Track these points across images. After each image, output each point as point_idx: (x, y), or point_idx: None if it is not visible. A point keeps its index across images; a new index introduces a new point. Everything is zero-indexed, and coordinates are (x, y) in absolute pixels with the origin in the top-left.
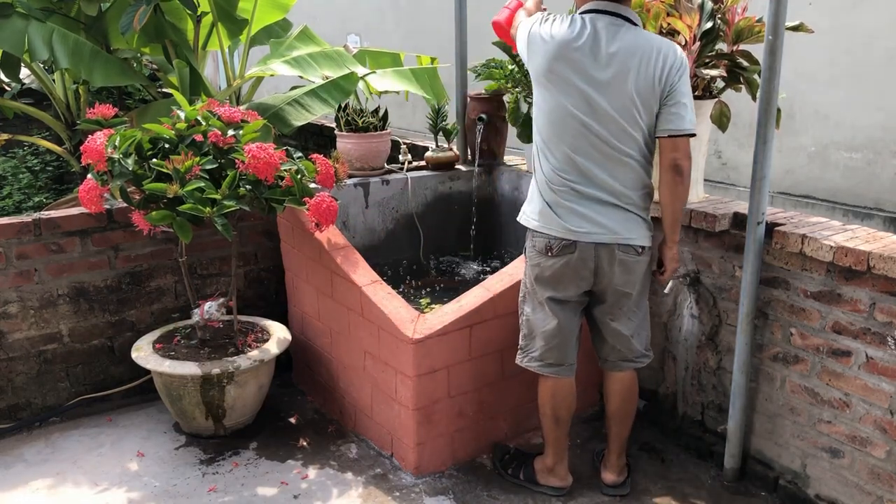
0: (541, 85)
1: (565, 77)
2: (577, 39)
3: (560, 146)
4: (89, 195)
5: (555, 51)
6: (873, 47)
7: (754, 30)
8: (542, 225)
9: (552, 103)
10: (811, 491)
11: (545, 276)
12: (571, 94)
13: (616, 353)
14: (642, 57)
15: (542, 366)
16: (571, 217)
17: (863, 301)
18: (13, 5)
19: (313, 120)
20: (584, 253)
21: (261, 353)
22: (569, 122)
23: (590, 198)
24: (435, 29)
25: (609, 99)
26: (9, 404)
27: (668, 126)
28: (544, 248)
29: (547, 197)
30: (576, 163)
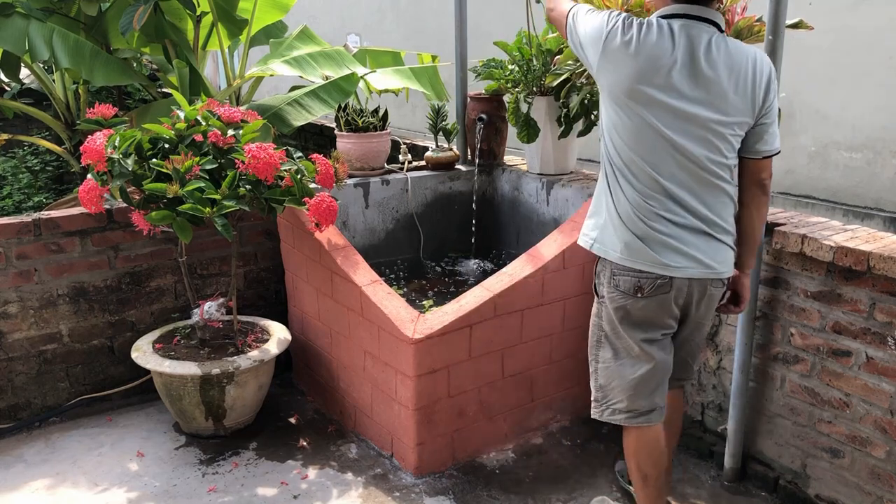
0: (620, 103)
1: (655, 96)
2: (671, 54)
3: (645, 169)
4: (89, 195)
5: (645, 68)
6: (873, 47)
7: (754, 29)
8: (629, 259)
9: (637, 122)
10: (811, 491)
11: (633, 319)
12: (662, 113)
13: (673, 380)
14: (740, 71)
15: (630, 416)
16: (666, 251)
17: (863, 301)
18: (14, 5)
19: (313, 120)
20: (679, 290)
21: (261, 353)
22: (658, 143)
23: (683, 227)
24: (435, 29)
25: (706, 118)
26: (9, 404)
27: (763, 147)
28: (633, 288)
29: (633, 227)
30: (665, 188)
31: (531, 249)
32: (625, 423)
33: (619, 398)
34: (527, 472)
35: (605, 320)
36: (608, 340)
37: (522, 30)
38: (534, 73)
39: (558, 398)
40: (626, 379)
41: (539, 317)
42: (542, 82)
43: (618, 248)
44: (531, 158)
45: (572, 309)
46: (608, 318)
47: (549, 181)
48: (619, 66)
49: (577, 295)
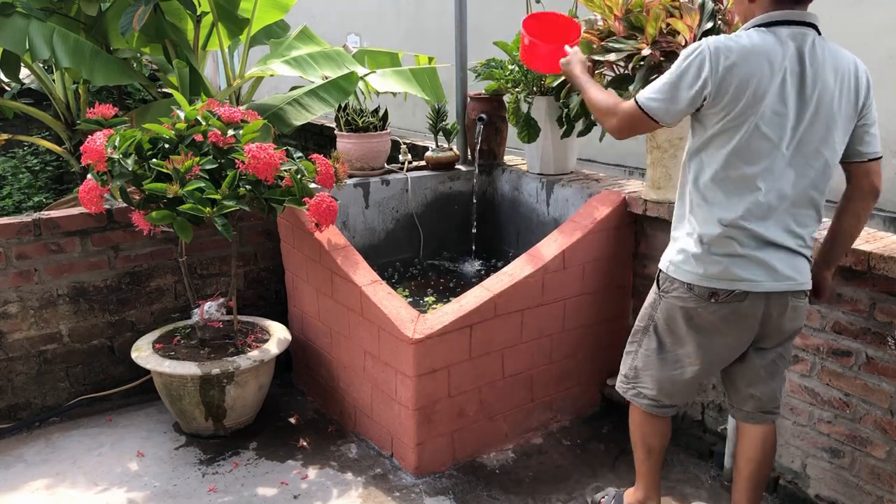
0: (728, 128)
1: (764, 112)
2: (780, 67)
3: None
4: (89, 195)
5: (757, 91)
6: (873, 47)
7: None
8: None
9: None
10: (811, 491)
11: (697, 322)
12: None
13: (754, 402)
14: (844, 76)
15: (653, 406)
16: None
17: (863, 301)
18: (14, 5)
19: (313, 120)
20: (754, 303)
21: (261, 353)
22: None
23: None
24: (435, 29)
25: (815, 128)
26: (9, 404)
27: (868, 149)
28: (707, 293)
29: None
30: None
31: (531, 249)
32: (646, 409)
33: (650, 387)
34: (527, 472)
35: (659, 312)
36: (656, 332)
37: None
38: (534, 73)
39: (558, 398)
40: (662, 373)
41: (539, 317)
42: (543, 82)
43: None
44: (531, 158)
45: (572, 309)
46: (665, 312)
47: (549, 181)
48: (732, 99)
49: (577, 295)
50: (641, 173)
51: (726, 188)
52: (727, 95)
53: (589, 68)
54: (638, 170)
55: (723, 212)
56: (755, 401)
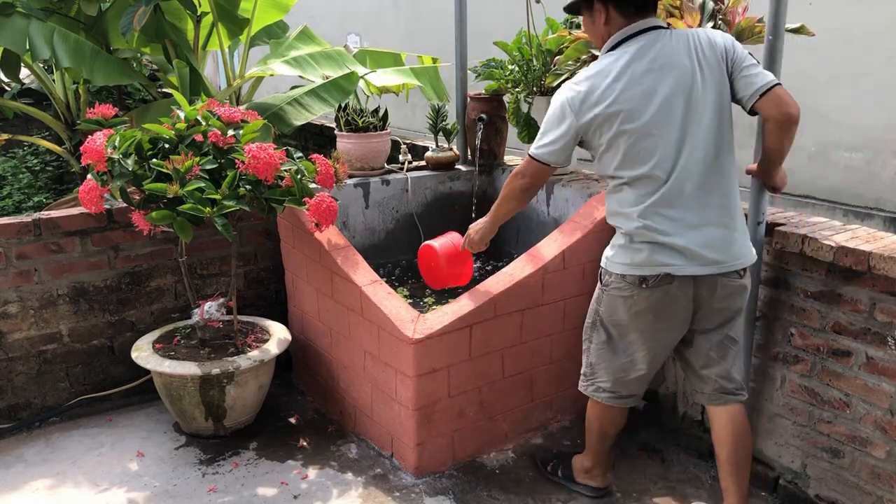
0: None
1: (636, 118)
2: (633, 75)
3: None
4: (89, 195)
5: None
6: (873, 47)
7: (755, 30)
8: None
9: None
10: (811, 491)
11: (637, 309)
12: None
13: (712, 384)
14: (697, 48)
15: (612, 398)
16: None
17: (863, 301)
18: (14, 5)
19: (313, 120)
20: (683, 283)
21: (261, 353)
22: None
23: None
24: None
25: (689, 104)
26: (9, 404)
27: (756, 85)
28: (638, 279)
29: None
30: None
31: (531, 249)
32: (606, 401)
33: (606, 380)
34: (527, 472)
35: (603, 306)
36: (603, 326)
37: (522, 30)
38: (534, 73)
39: (558, 398)
40: (615, 364)
41: (539, 317)
42: (543, 82)
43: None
44: None
45: (572, 309)
46: (608, 305)
47: (549, 181)
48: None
49: (577, 295)
50: None
51: (634, 187)
52: (596, 127)
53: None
54: None
55: (636, 207)
56: (713, 382)
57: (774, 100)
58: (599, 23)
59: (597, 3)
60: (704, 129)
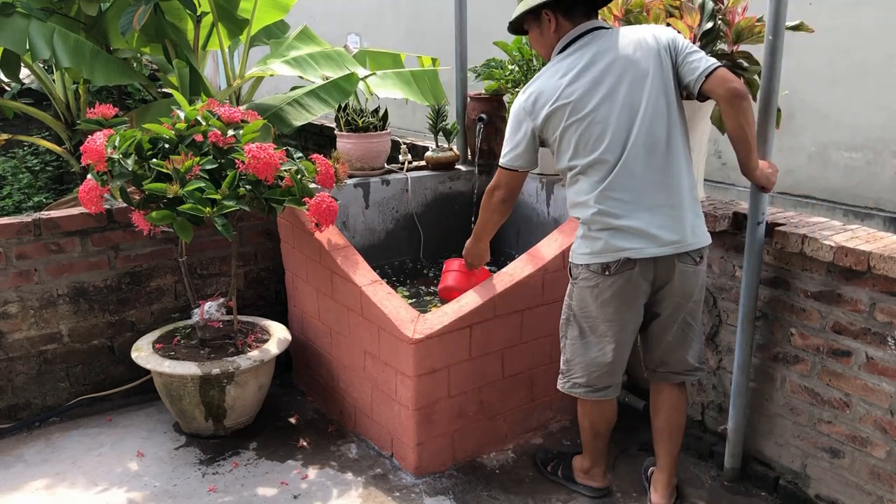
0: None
1: (584, 109)
2: (578, 72)
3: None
4: (89, 195)
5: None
6: (873, 47)
7: (755, 30)
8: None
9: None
10: (811, 491)
11: (603, 298)
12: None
13: (666, 367)
14: (640, 41)
15: (588, 391)
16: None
17: (863, 301)
18: (14, 5)
19: (313, 120)
20: (644, 268)
21: (261, 353)
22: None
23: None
24: (435, 29)
25: (632, 90)
26: (9, 404)
27: (700, 69)
28: (601, 267)
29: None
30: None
31: (531, 249)
32: (583, 396)
33: (580, 374)
34: (527, 472)
35: (574, 300)
36: (576, 320)
37: None
38: (534, 73)
39: (558, 398)
40: (587, 357)
41: (539, 317)
42: None
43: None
44: None
45: None
46: (578, 298)
47: (549, 181)
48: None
49: None
50: None
51: (587, 175)
52: (549, 123)
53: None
54: None
55: (591, 194)
56: (666, 366)
57: (718, 79)
58: (549, 31)
59: (544, 12)
60: (651, 113)
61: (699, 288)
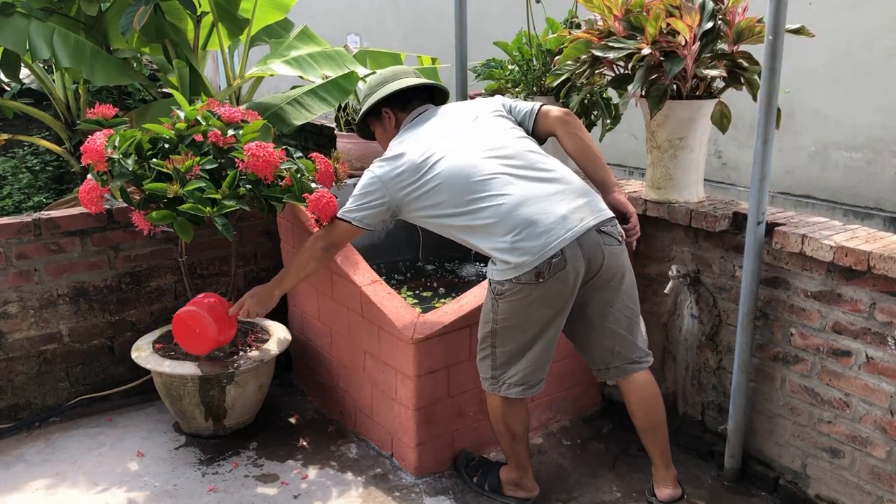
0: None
1: (439, 170)
2: (425, 135)
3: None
4: (89, 195)
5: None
6: (873, 47)
7: (755, 30)
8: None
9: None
10: (811, 491)
11: (537, 304)
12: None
13: (619, 358)
14: (475, 105)
15: (525, 389)
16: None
17: (863, 301)
18: (14, 5)
19: (313, 120)
20: (574, 258)
21: (261, 353)
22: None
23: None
24: (435, 29)
25: (471, 132)
26: (9, 404)
27: (529, 113)
28: (533, 276)
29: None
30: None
31: None
32: (519, 395)
33: (513, 374)
34: None
35: (501, 314)
36: (504, 332)
37: (522, 30)
38: (534, 73)
39: (558, 398)
40: (524, 360)
41: None
42: (542, 82)
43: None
44: None
45: None
46: (507, 312)
47: None
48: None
49: None
50: (642, 173)
51: (475, 215)
52: (414, 195)
53: None
54: (638, 170)
55: (493, 224)
56: (620, 357)
57: (544, 113)
58: (390, 126)
59: (384, 110)
60: (503, 139)
61: (629, 269)
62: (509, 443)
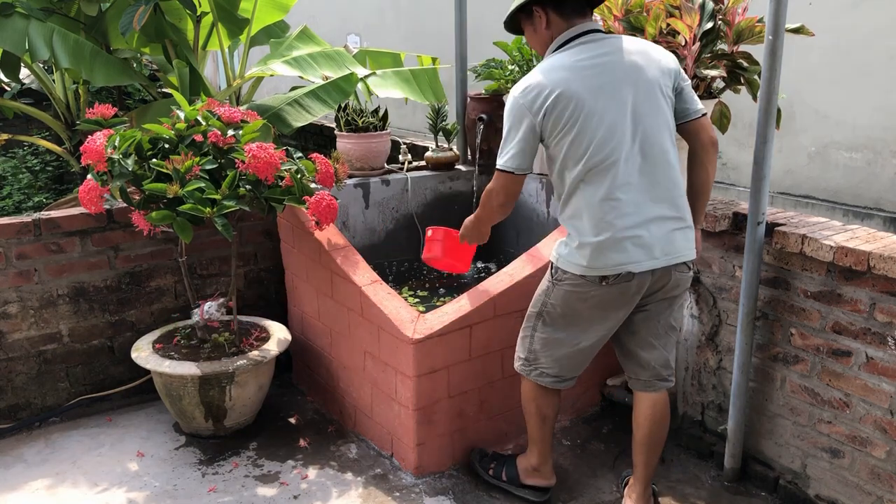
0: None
1: (588, 111)
2: (581, 73)
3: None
4: (89, 195)
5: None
6: (873, 47)
7: (755, 30)
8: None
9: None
10: (811, 491)
11: (591, 303)
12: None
13: (651, 371)
14: (644, 52)
15: (556, 381)
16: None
17: (863, 301)
18: (14, 5)
19: (313, 120)
20: (641, 280)
21: (261, 353)
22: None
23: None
24: (435, 29)
25: (637, 99)
26: (9, 404)
27: (693, 106)
28: (598, 278)
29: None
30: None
31: (531, 249)
32: (550, 386)
33: (551, 366)
34: None
35: (554, 300)
36: (550, 318)
37: None
38: None
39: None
40: (560, 352)
41: None
42: None
43: None
44: None
45: None
46: (561, 300)
47: (549, 181)
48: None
49: None
50: None
51: (586, 183)
52: (556, 121)
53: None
54: None
55: (590, 205)
56: (651, 369)
57: (706, 125)
58: (541, 28)
59: (535, 8)
60: (652, 122)
61: (686, 291)
62: (538, 425)
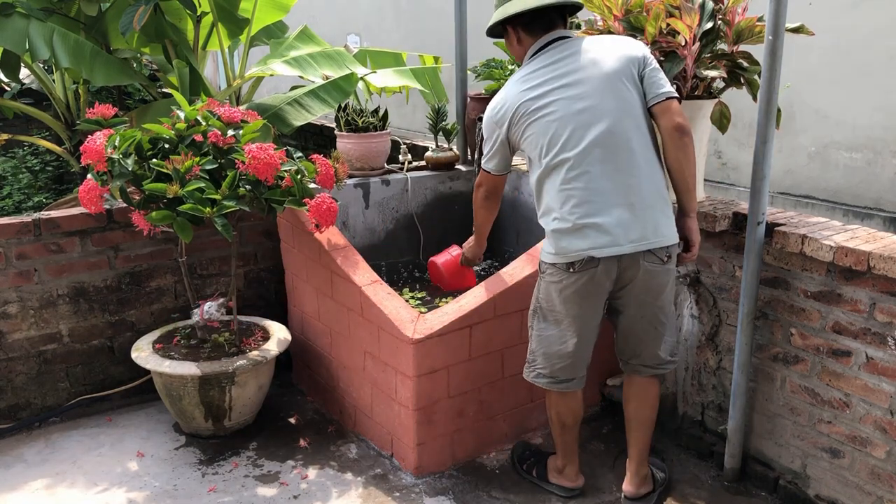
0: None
1: (549, 108)
2: (546, 74)
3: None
4: (89, 195)
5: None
6: (873, 47)
7: (755, 30)
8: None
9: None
10: (811, 491)
11: (567, 293)
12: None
13: (638, 359)
14: (602, 45)
15: (551, 382)
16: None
17: (863, 301)
18: (14, 5)
19: (313, 120)
20: (608, 266)
21: (260, 353)
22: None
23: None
24: (435, 29)
25: (595, 92)
26: (9, 404)
27: (661, 90)
28: (566, 265)
29: None
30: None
31: (531, 249)
32: (546, 387)
33: (543, 365)
34: None
35: (541, 294)
36: (541, 312)
37: None
38: None
39: None
40: (551, 350)
41: None
42: None
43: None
44: None
45: None
46: (545, 292)
47: None
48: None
49: None
50: None
51: (549, 179)
52: (517, 129)
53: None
54: None
55: (553, 199)
56: (638, 358)
57: (666, 109)
58: (514, 44)
59: (508, 27)
60: (612, 113)
61: (668, 287)
62: (559, 431)
